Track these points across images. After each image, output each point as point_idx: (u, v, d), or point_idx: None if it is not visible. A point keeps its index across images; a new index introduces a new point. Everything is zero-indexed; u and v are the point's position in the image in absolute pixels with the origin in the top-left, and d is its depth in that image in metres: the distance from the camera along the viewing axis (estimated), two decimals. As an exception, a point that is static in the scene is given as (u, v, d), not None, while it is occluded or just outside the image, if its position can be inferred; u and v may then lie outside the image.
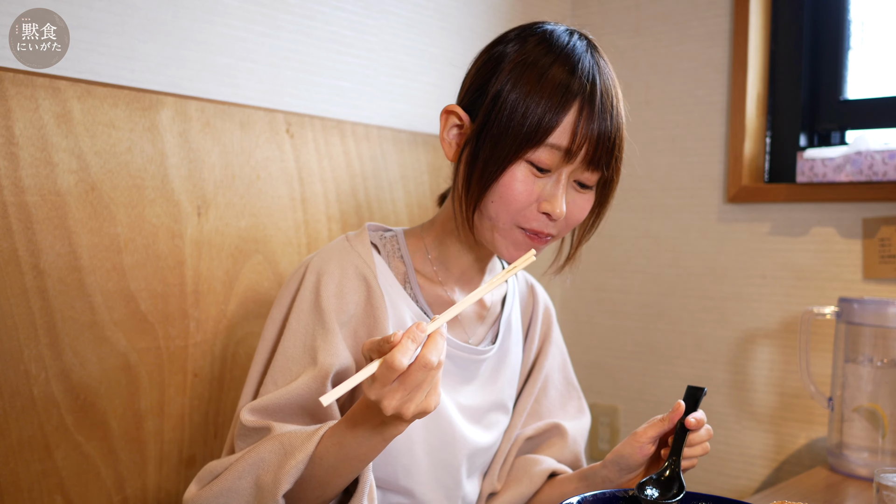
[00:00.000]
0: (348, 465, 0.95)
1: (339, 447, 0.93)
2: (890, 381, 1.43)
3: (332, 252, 1.10)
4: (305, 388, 1.01)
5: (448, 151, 1.10)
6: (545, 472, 1.20)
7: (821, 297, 1.67)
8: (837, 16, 1.73)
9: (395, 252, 1.14)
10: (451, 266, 1.16)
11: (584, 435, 1.29)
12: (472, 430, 1.16)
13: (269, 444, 0.97)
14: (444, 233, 1.15)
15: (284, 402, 1.01)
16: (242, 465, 0.96)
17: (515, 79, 1.02)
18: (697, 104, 1.84)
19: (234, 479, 0.97)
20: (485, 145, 1.03)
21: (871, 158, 1.56)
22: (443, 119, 1.09)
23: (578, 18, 2.03)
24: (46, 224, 1.12)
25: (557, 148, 1.02)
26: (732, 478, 1.79)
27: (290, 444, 0.95)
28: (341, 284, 1.07)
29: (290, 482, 0.93)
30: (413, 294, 1.12)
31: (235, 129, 1.33)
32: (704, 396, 1.15)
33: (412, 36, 1.64)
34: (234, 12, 1.33)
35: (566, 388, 1.31)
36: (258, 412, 1.02)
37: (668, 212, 1.89)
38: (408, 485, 1.11)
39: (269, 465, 0.95)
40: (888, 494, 1.08)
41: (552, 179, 1.04)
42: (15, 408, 1.10)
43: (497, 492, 1.22)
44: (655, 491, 1.06)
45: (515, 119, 1.01)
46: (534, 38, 1.05)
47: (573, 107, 1.01)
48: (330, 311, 1.05)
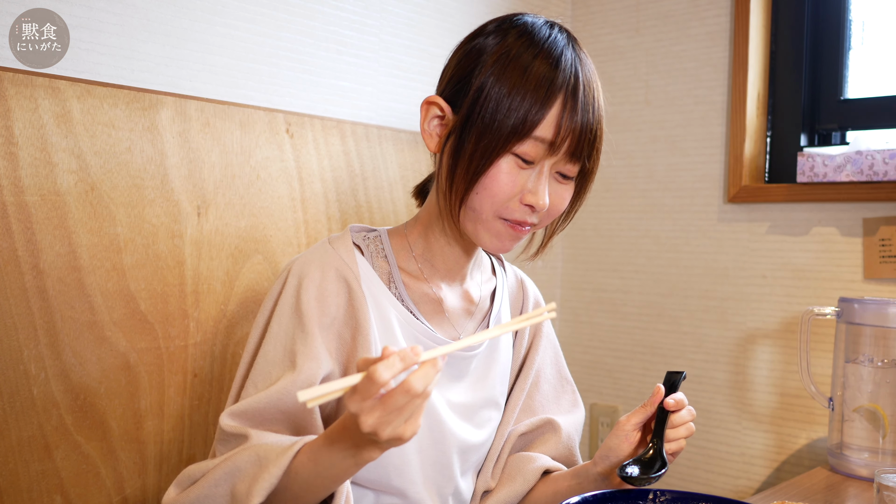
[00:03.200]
0: (321, 484, 0.94)
1: (314, 464, 0.93)
2: (890, 381, 1.43)
3: (314, 255, 1.10)
4: (284, 392, 1.01)
5: (430, 143, 1.10)
6: (539, 470, 1.20)
7: (821, 297, 1.66)
8: (837, 16, 1.73)
9: (379, 252, 1.14)
10: (437, 261, 1.16)
11: (578, 429, 1.29)
12: (463, 427, 1.16)
13: (245, 454, 0.96)
14: (427, 228, 1.15)
15: (263, 406, 1.01)
16: (219, 474, 0.97)
17: (499, 72, 1.03)
18: (697, 104, 1.84)
19: (210, 487, 0.97)
20: (470, 138, 1.03)
21: (871, 158, 1.56)
22: (423, 110, 1.10)
23: (578, 18, 2.03)
24: (46, 224, 1.12)
25: (542, 140, 1.03)
26: (732, 478, 1.79)
27: (266, 456, 0.95)
28: (322, 287, 1.07)
29: (262, 495, 0.92)
30: (398, 293, 1.12)
31: (235, 128, 1.33)
32: (684, 380, 1.16)
33: (412, 36, 1.64)
34: (234, 12, 1.33)
35: (559, 383, 1.31)
36: (237, 417, 1.02)
37: (668, 212, 1.89)
38: (400, 485, 1.11)
39: (244, 476, 0.95)
40: (888, 495, 1.08)
41: (535, 171, 1.05)
42: (15, 408, 1.10)
43: (491, 490, 1.22)
44: (636, 468, 1.07)
45: (501, 113, 1.02)
46: (514, 31, 1.06)
47: (557, 100, 1.02)
48: (310, 315, 1.05)
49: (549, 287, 2.03)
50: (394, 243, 1.16)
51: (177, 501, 0.99)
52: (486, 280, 1.25)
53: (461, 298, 1.19)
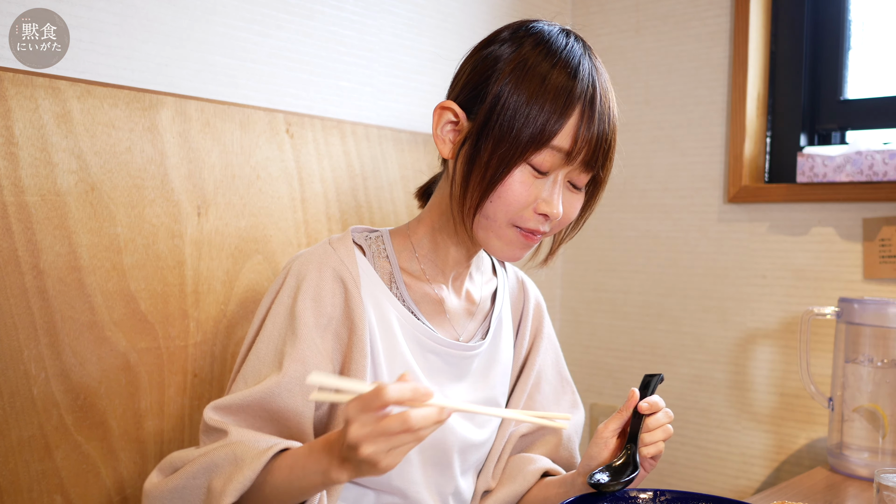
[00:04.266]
0: (291, 492, 0.95)
1: (289, 471, 0.94)
2: (890, 381, 1.43)
3: (313, 255, 1.10)
4: (268, 392, 1.02)
5: (442, 148, 1.10)
6: (539, 472, 1.21)
7: (821, 297, 1.67)
8: (837, 16, 1.73)
9: (381, 252, 1.14)
10: (441, 262, 1.16)
11: (578, 431, 1.29)
12: (464, 426, 1.16)
13: (222, 451, 0.98)
14: (434, 229, 1.15)
15: (247, 403, 1.03)
16: (197, 467, 0.98)
17: (517, 81, 1.03)
18: (697, 104, 1.84)
19: (189, 478, 0.99)
20: (486, 146, 1.03)
21: (871, 158, 1.56)
22: (436, 115, 1.09)
23: (578, 18, 2.03)
24: (46, 224, 1.12)
25: (559, 150, 1.03)
26: (732, 478, 1.79)
27: (242, 457, 0.96)
28: (319, 288, 1.07)
29: (234, 496, 0.93)
30: (399, 294, 1.12)
31: (235, 129, 1.33)
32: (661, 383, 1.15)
33: (412, 36, 1.64)
34: (234, 12, 1.33)
35: (560, 384, 1.31)
36: (220, 411, 1.03)
37: (668, 212, 1.89)
38: (401, 485, 1.11)
39: (220, 473, 0.96)
40: (888, 495, 1.08)
41: (549, 180, 1.06)
42: (15, 408, 1.10)
43: (491, 490, 1.22)
44: (605, 475, 1.06)
45: (519, 122, 1.02)
46: (531, 39, 1.06)
47: (576, 110, 1.03)
48: (303, 318, 1.06)
49: (549, 287, 2.03)
50: (396, 243, 1.16)
51: (157, 488, 1.01)
52: (486, 281, 1.25)
53: (462, 299, 1.19)
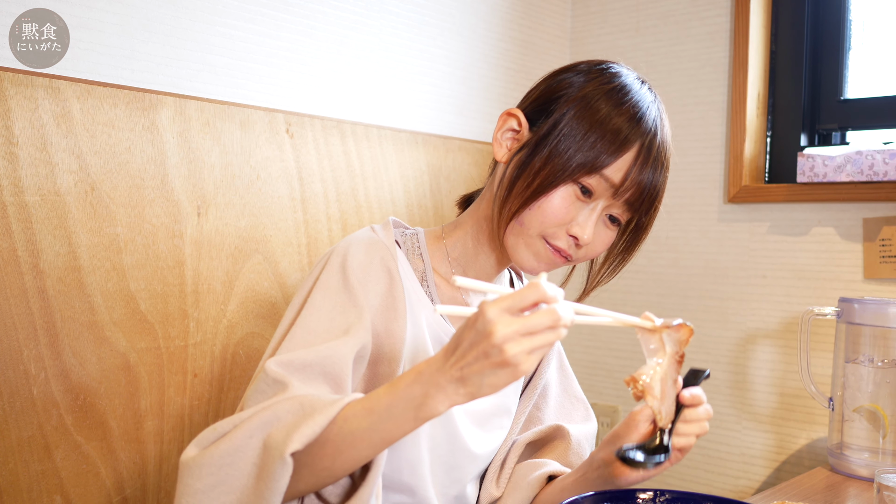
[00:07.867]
0: (368, 438, 0.88)
1: (368, 413, 0.88)
2: (890, 381, 1.43)
3: (360, 240, 1.10)
4: (334, 352, 0.98)
5: (498, 151, 1.13)
6: (542, 477, 1.19)
7: (821, 297, 1.66)
8: (837, 16, 1.73)
9: (415, 250, 1.15)
10: (471, 268, 1.17)
11: (589, 439, 1.27)
12: (474, 433, 1.16)
13: (287, 403, 0.90)
14: (469, 234, 1.16)
15: (310, 362, 0.97)
16: (255, 423, 0.89)
17: (584, 106, 1.06)
18: (697, 104, 1.84)
19: (244, 438, 0.89)
20: (540, 156, 1.06)
21: (871, 158, 1.56)
22: (501, 120, 1.13)
23: (578, 18, 2.03)
24: (46, 224, 1.12)
25: (608, 181, 1.06)
26: (732, 478, 1.79)
27: (312, 405, 0.89)
28: (367, 271, 1.06)
29: (302, 442, 0.85)
30: (429, 293, 1.13)
31: (235, 129, 1.33)
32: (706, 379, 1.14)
33: (412, 36, 1.64)
34: (234, 12, 1.33)
35: (568, 399, 1.30)
36: (283, 365, 0.97)
37: (668, 212, 1.88)
38: (411, 481, 1.10)
39: (283, 424, 0.88)
40: (889, 495, 1.08)
41: (589, 207, 1.08)
42: (14, 408, 1.10)
43: (496, 500, 1.21)
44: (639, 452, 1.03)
45: (575, 144, 1.05)
46: (608, 74, 1.11)
47: (633, 148, 1.05)
48: (359, 291, 1.04)
49: (549, 287, 2.03)
50: (429, 244, 1.17)
51: (201, 457, 0.90)
52: None
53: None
